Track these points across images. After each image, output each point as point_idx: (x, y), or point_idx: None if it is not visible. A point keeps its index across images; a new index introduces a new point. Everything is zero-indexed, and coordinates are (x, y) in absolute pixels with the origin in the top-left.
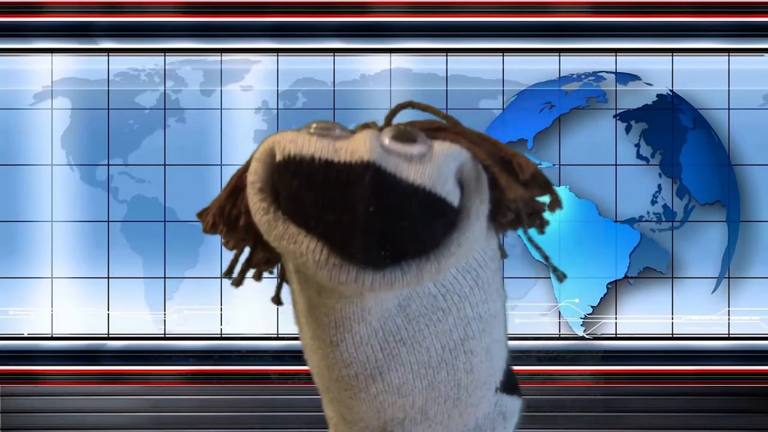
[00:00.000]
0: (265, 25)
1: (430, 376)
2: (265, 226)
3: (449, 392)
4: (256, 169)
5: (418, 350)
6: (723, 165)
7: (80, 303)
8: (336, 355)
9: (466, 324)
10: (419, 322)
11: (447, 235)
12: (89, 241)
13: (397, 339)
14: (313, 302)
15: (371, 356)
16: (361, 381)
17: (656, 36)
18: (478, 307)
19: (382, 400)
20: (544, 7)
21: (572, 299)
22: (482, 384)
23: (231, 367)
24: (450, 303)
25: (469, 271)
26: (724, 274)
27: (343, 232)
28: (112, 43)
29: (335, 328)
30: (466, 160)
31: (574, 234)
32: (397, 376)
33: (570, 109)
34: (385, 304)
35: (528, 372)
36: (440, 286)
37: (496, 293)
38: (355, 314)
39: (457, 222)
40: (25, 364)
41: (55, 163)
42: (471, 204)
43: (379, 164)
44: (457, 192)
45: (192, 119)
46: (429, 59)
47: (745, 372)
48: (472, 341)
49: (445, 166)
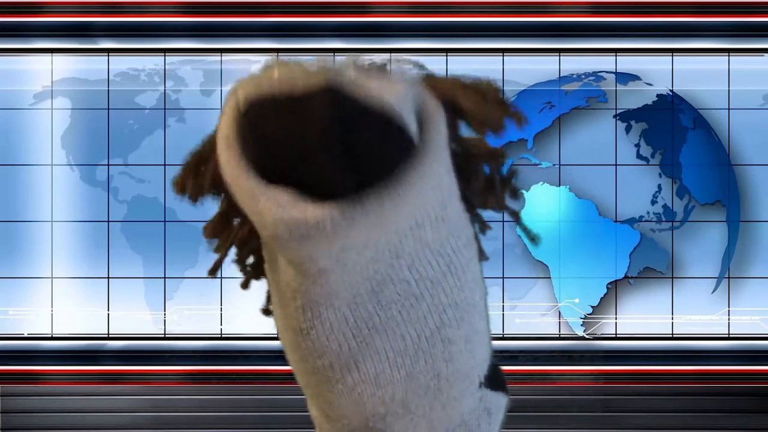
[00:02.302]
0: (265, 25)
1: (407, 366)
2: (231, 181)
3: (429, 382)
4: (224, 125)
5: (393, 338)
6: (723, 165)
7: (80, 303)
8: (308, 344)
9: (441, 311)
10: (391, 309)
11: (406, 163)
12: (89, 241)
13: (369, 326)
14: (282, 288)
15: (344, 344)
16: (336, 371)
17: (656, 36)
18: (453, 294)
19: (360, 392)
20: (544, 7)
21: (572, 299)
22: (464, 376)
23: (231, 367)
24: (422, 288)
25: (442, 256)
26: (724, 274)
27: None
28: (112, 43)
29: (303, 314)
30: (425, 95)
31: (574, 234)
32: (372, 366)
33: (570, 109)
34: (353, 289)
35: (528, 372)
36: (413, 271)
37: (473, 282)
38: (321, 297)
39: (417, 154)
40: (25, 364)
41: (55, 163)
42: (430, 139)
43: (338, 85)
44: (415, 125)
45: (192, 119)
46: (429, 59)
47: (745, 372)
48: (449, 329)
49: (403, 89)
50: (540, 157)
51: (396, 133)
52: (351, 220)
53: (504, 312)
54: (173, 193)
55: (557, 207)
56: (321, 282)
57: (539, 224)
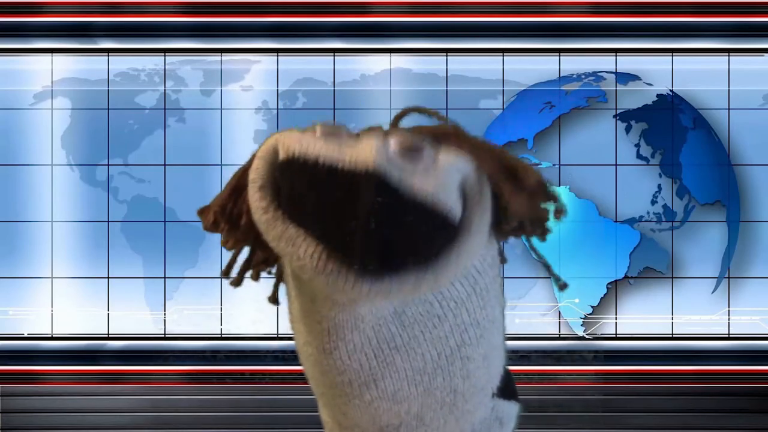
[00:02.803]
0: (265, 25)
1: (425, 383)
2: (264, 225)
3: (445, 398)
4: (258, 167)
5: (413, 357)
6: (723, 165)
7: (80, 303)
8: (329, 363)
9: (463, 330)
10: (414, 329)
11: (446, 248)
12: (89, 241)
13: (391, 346)
14: (307, 309)
15: (365, 364)
16: (355, 388)
17: (656, 36)
18: (475, 314)
19: (376, 407)
20: (544, 7)
21: (572, 299)
22: (479, 390)
23: (231, 367)
24: (446, 309)
25: (467, 278)
26: (724, 274)
27: (342, 239)
28: (112, 43)
29: (328, 335)
30: (470, 171)
31: (574, 234)
32: (391, 383)
33: (570, 109)
34: (379, 312)
35: (528, 372)
36: (437, 293)
37: (494, 299)
38: (348, 322)
39: (458, 235)
40: (25, 364)
41: (55, 163)
42: (472, 217)
43: (384, 174)
44: (460, 204)
45: (192, 119)
46: (429, 59)
47: (745, 372)
48: (469, 347)
49: (448, 179)
50: (540, 157)
51: (436, 221)
52: (386, 295)
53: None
54: (202, 228)
55: None
56: (349, 310)
57: None
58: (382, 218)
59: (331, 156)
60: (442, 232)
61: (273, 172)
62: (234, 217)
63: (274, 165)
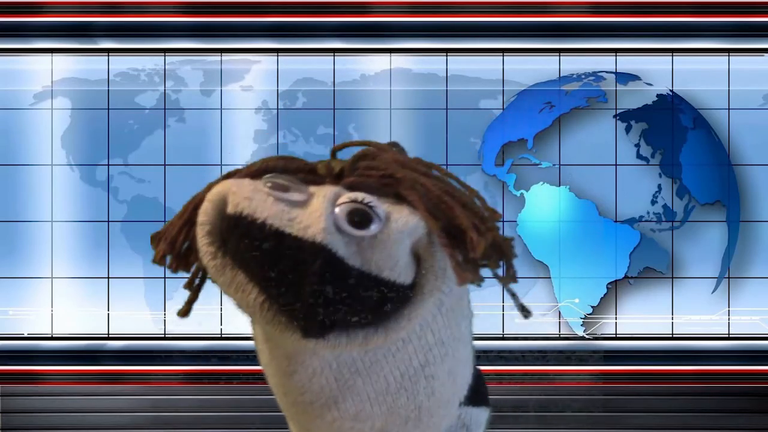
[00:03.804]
0: (265, 25)
1: (389, 402)
2: (213, 270)
3: (410, 414)
4: (206, 210)
5: (375, 380)
6: (723, 165)
7: (80, 303)
8: (291, 384)
9: (427, 350)
10: (377, 353)
11: (398, 311)
12: (89, 241)
13: (352, 370)
14: (266, 332)
15: (325, 387)
16: (316, 408)
17: (656, 36)
18: (440, 333)
19: (339, 426)
20: (544, 7)
21: (572, 299)
22: (445, 403)
23: (231, 367)
24: (410, 332)
25: (433, 300)
26: (724, 274)
27: (288, 302)
28: (112, 43)
29: (287, 359)
30: (421, 235)
31: (574, 234)
32: (353, 405)
33: (570, 109)
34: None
35: (528, 372)
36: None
37: (460, 316)
38: (307, 349)
39: (410, 297)
40: (25, 364)
41: (55, 163)
42: (425, 281)
43: (330, 248)
44: (412, 268)
45: (192, 119)
46: (429, 59)
47: (745, 372)
48: (433, 366)
49: (397, 248)
50: (540, 157)
51: (387, 296)
52: (333, 348)
53: (504, 312)
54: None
55: (557, 207)
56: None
57: (539, 224)
58: (327, 286)
59: (279, 221)
60: (390, 298)
61: (221, 220)
62: (182, 253)
63: (222, 213)
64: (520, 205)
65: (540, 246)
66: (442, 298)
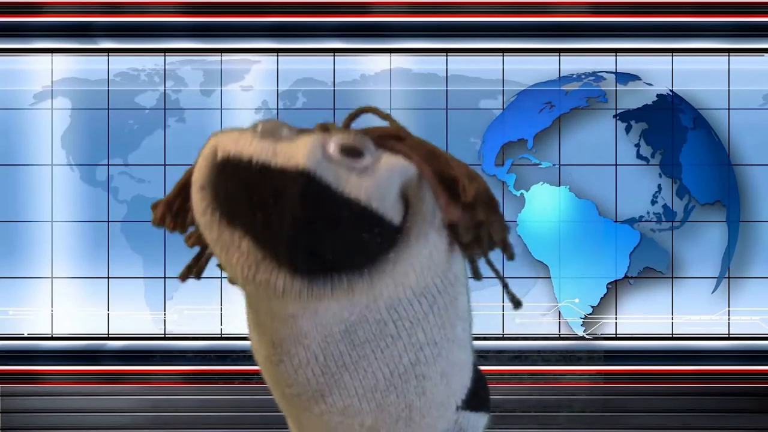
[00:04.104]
0: (265, 25)
1: (378, 399)
2: (203, 228)
3: (400, 413)
4: (200, 167)
5: (363, 375)
6: (723, 165)
7: (80, 303)
8: (278, 374)
9: (418, 350)
10: (365, 348)
11: (383, 253)
12: (89, 241)
13: (339, 365)
14: (253, 320)
15: (312, 379)
16: (304, 401)
17: (656, 36)
18: (432, 333)
19: (327, 420)
20: (544, 7)
21: (572, 299)
22: (438, 405)
23: (231, 367)
24: (401, 329)
25: (425, 296)
26: (724, 274)
27: (273, 239)
28: (112, 43)
29: (273, 347)
30: (412, 177)
31: (574, 234)
32: (340, 399)
33: (570, 109)
34: (326, 330)
35: (528, 372)
36: (392, 312)
37: (455, 317)
38: (290, 337)
39: (396, 241)
40: (25, 364)
41: (55, 163)
42: (412, 224)
43: (315, 172)
44: (400, 209)
45: (192, 119)
46: (429, 59)
47: (745, 372)
48: (425, 366)
49: (386, 182)
50: (540, 157)
51: (371, 224)
52: (319, 297)
53: (504, 312)
54: (151, 223)
55: (557, 207)
56: (290, 324)
57: (539, 224)
58: (311, 218)
59: (265, 155)
60: (377, 236)
61: (211, 172)
62: (180, 215)
63: (214, 165)
64: (520, 205)
65: (540, 246)
66: (435, 296)
